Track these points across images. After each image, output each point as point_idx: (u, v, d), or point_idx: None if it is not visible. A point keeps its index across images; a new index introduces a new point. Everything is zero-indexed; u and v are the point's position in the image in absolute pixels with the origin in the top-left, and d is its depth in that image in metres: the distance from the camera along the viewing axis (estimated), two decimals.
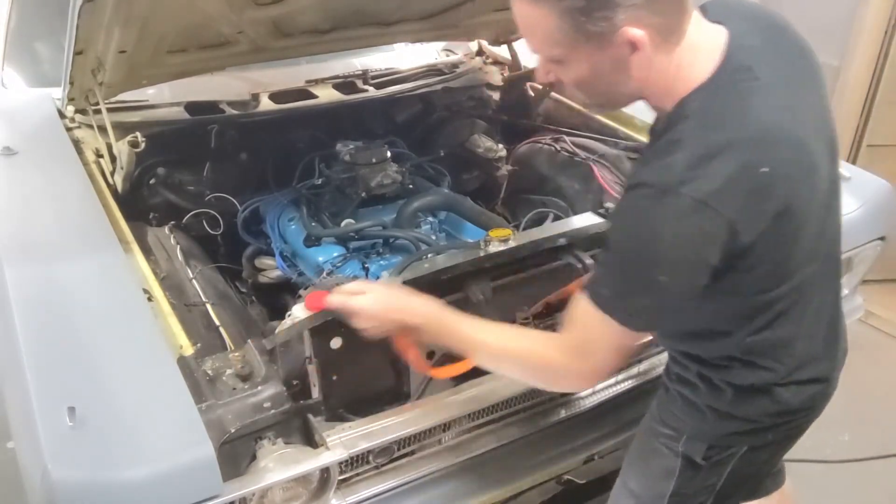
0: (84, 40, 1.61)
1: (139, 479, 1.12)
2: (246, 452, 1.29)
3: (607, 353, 1.17)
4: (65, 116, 2.12)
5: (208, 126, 2.22)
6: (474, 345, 1.29)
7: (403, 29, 2.22)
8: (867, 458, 2.56)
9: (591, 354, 1.17)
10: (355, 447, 1.34)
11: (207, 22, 1.76)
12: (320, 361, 1.46)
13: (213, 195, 2.14)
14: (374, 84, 2.56)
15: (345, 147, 2.18)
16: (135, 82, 2.02)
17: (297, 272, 2.08)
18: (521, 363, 1.26)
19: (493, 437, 1.57)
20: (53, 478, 1.10)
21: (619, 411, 1.77)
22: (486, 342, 1.27)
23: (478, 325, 1.30)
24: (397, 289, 1.40)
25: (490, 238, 1.71)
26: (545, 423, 1.62)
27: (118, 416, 1.20)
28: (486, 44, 2.85)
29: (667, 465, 1.38)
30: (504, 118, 2.72)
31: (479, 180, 2.65)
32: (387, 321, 1.32)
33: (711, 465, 1.35)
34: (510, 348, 1.26)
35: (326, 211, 2.15)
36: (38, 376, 1.25)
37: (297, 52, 2.26)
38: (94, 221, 1.68)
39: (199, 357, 1.36)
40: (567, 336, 1.19)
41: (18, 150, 1.93)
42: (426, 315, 1.31)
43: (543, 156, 2.48)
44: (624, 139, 2.36)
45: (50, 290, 1.46)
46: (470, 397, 1.48)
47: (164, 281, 1.64)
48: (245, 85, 2.40)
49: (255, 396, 1.30)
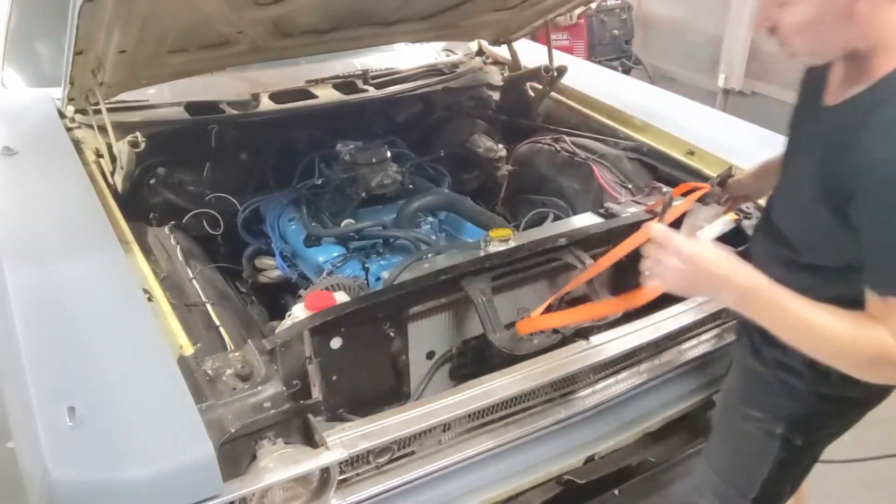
0: (84, 40, 1.61)
1: (139, 478, 1.12)
2: (246, 452, 1.29)
3: None
4: (65, 116, 2.12)
5: (208, 126, 2.22)
6: (807, 325, 1.15)
7: (403, 29, 2.22)
8: (867, 458, 2.56)
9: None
10: (355, 447, 1.33)
11: (207, 22, 1.75)
12: (320, 361, 1.46)
13: (213, 195, 2.14)
14: (374, 84, 2.56)
15: (345, 147, 2.18)
16: (135, 82, 2.02)
17: (297, 272, 2.08)
18: (861, 355, 1.14)
19: (493, 437, 1.56)
20: (53, 477, 1.10)
21: (619, 411, 1.77)
22: (822, 325, 1.14)
23: (809, 306, 1.15)
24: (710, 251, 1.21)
25: (490, 238, 1.71)
26: (545, 423, 1.62)
27: (118, 416, 1.19)
28: (486, 44, 2.85)
29: (762, 448, 1.40)
30: (504, 118, 2.72)
31: (479, 180, 2.65)
32: (703, 274, 1.18)
33: (808, 446, 1.38)
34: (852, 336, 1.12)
35: (326, 211, 2.15)
36: (38, 376, 1.25)
37: (297, 52, 2.26)
38: (94, 221, 1.68)
39: (199, 357, 1.36)
40: None
41: (18, 150, 1.93)
42: (753, 283, 1.17)
43: (543, 156, 2.48)
44: (624, 139, 2.36)
45: (50, 290, 1.46)
46: (470, 397, 1.47)
47: (164, 281, 1.64)
48: (245, 85, 2.40)
49: (255, 396, 1.30)
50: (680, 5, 5.37)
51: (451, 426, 1.51)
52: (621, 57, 5.39)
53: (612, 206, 1.96)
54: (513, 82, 2.74)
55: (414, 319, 1.62)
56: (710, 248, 1.21)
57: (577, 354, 1.58)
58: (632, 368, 1.75)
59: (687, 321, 1.74)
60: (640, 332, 1.67)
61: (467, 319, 1.69)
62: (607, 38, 5.34)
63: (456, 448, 1.53)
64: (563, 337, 1.61)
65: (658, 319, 1.70)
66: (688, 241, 1.20)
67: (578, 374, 1.63)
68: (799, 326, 1.16)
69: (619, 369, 1.73)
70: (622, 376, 1.74)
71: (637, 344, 1.66)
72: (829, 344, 1.15)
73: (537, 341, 1.60)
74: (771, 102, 4.68)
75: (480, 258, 1.65)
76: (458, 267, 1.60)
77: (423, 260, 1.74)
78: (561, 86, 2.60)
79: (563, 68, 2.52)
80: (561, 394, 1.65)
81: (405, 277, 1.64)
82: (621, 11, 5.37)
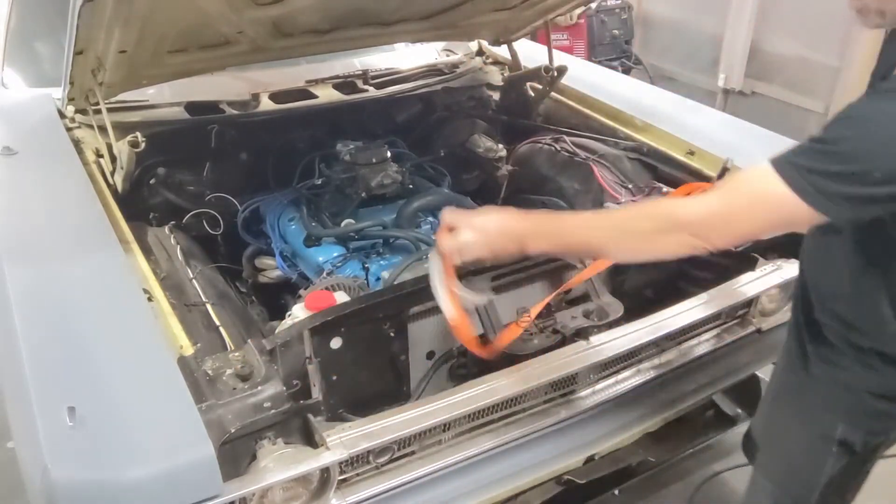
0: (84, 40, 1.61)
1: (139, 478, 1.12)
2: (246, 452, 1.29)
3: (753, 227, 1.17)
4: (65, 116, 2.12)
5: (208, 126, 2.22)
6: (595, 224, 1.28)
7: (403, 29, 2.22)
8: None
9: (736, 224, 1.15)
10: (355, 447, 1.33)
11: (207, 22, 1.75)
12: (320, 361, 1.46)
13: (213, 195, 2.14)
14: (375, 84, 2.56)
15: (345, 147, 2.18)
16: (135, 82, 2.02)
17: (297, 272, 2.08)
18: (649, 217, 1.23)
19: (493, 437, 1.56)
20: (53, 477, 1.10)
21: (619, 411, 1.77)
22: (609, 215, 1.25)
23: (586, 213, 1.27)
24: (490, 214, 1.36)
25: None
26: (545, 423, 1.62)
27: (118, 416, 1.19)
28: (486, 44, 2.85)
29: (818, 455, 1.37)
30: (504, 118, 2.72)
31: (479, 180, 2.65)
32: (495, 233, 1.32)
33: (867, 451, 1.35)
34: (635, 208, 1.24)
35: (326, 211, 2.15)
36: (38, 376, 1.25)
37: (297, 52, 2.26)
38: (94, 221, 1.68)
39: (199, 357, 1.36)
40: (715, 197, 1.16)
41: (18, 150, 1.93)
42: (533, 218, 1.30)
43: (543, 156, 2.48)
44: (624, 139, 2.36)
45: (50, 290, 1.46)
46: (470, 397, 1.47)
47: (164, 281, 1.64)
48: (245, 85, 2.40)
49: (255, 396, 1.30)
50: (680, 5, 5.37)
51: (451, 426, 1.51)
52: (621, 57, 5.40)
53: (612, 206, 1.96)
54: (513, 82, 2.74)
55: (414, 319, 1.62)
56: (492, 212, 1.35)
57: (577, 354, 1.58)
58: (632, 368, 1.75)
59: (687, 321, 1.74)
60: (640, 332, 1.67)
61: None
62: (607, 38, 5.34)
63: (456, 448, 1.53)
64: (563, 337, 1.61)
65: (658, 319, 1.70)
66: (474, 215, 1.32)
67: (578, 374, 1.63)
68: (594, 230, 1.27)
69: (619, 369, 1.73)
70: (622, 376, 1.74)
71: (637, 344, 1.66)
72: (622, 226, 1.25)
73: (537, 341, 1.60)
74: (771, 102, 4.68)
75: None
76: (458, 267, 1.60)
77: (423, 260, 1.74)
78: (561, 86, 2.60)
79: (563, 68, 2.52)
80: (561, 394, 1.65)
81: (405, 277, 1.64)
82: (621, 11, 5.37)
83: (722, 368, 1.87)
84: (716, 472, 2.34)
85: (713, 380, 1.88)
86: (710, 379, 1.89)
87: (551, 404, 1.65)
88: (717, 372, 1.89)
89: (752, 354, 1.95)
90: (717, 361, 1.89)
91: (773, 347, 1.83)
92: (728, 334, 1.89)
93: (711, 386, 1.88)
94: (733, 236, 1.21)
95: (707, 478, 2.32)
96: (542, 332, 1.62)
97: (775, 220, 1.15)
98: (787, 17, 4.54)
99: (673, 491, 2.29)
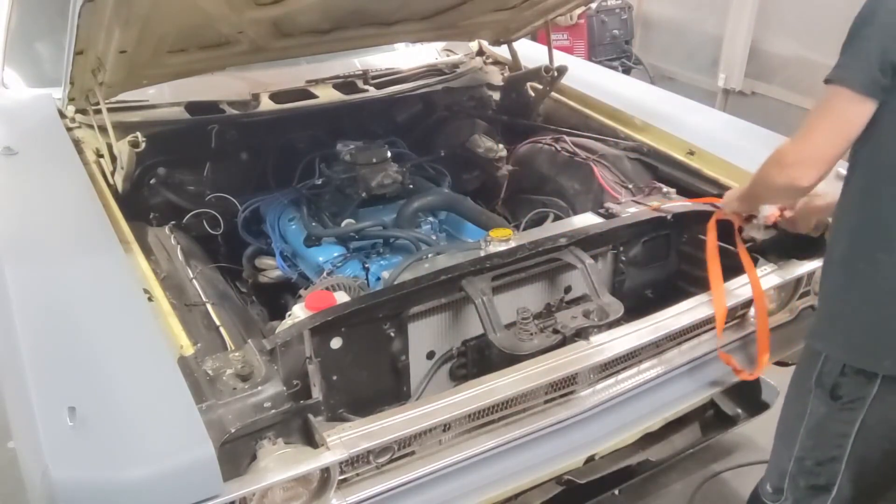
0: (84, 40, 1.61)
1: (139, 478, 1.12)
2: (246, 452, 1.29)
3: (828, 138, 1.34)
4: (65, 116, 2.12)
5: (208, 126, 2.22)
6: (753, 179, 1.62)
7: (403, 29, 2.22)
8: None
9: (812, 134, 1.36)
10: (355, 447, 1.33)
11: (207, 22, 1.75)
12: (320, 361, 1.46)
13: (213, 195, 2.14)
14: (375, 84, 2.56)
15: (345, 147, 2.18)
16: (135, 82, 2.02)
17: (297, 272, 2.08)
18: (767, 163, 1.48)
19: (493, 437, 1.56)
20: (54, 477, 1.10)
21: (619, 411, 1.76)
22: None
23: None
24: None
25: (490, 238, 1.71)
26: (545, 423, 1.62)
27: (118, 416, 1.20)
28: (486, 44, 2.85)
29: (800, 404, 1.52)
30: (504, 118, 2.72)
31: (479, 180, 2.65)
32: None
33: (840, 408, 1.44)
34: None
35: (327, 211, 2.16)
36: (38, 376, 1.25)
37: (297, 52, 2.26)
38: (95, 221, 1.68)
39: (200, 357, 1.36)
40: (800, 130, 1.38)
41: (18, 150, 1.93)
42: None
43: (543, 156, 2.48)
44: (624, 139, 2.36)
45: (50, 290, 1.46)
46: (470, 397, 1.47)
47: (164, 281, 1.64)
48: (245, 85, 2.40)
49: (255, 396, 1.30)
50: (680, 5, 5.37)
51: (451, 426, 1.51)
52: (621, 57, 5.40)
53: (613, 206, 1.96)
54: (513, 82, 2.74)
55: (414, 319, 1.62)
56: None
57: (577, 354, 1.58)
58: (632, 368, 1.75)
59: (687, 321, 1.74)
60: (640, 332, 1.67)
61: (467, 319, 1.70)
62: (607, 38, 5.34)
63: (456, 448, 1.53)
64: (564, 337, 1.61)
65: (658, 319, 1.70)
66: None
67: (578, 375, 1.63)
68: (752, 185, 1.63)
69: (619, 369, 1.73)
70: (622, 376, 1.74)
71: (637, 344, 1.66)
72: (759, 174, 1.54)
73: (537, 341, 1.60)
74: (771, 102, 4.68)
75: (480, 258, 1.65)
76: (459, 267, 1.61)
77: (424, 260, 1.74)
78: (561, 86, 2.60)
79: (563, 68, 2.52)
80: (561, 394, 1.65)
81: (405, 277, 1.64)
82: (621, 11, 5.38)
83: (722, 368, 1.87)
84: (716, 472, 2.34)
85: (713, 380, 1.88)
86: (710, 379, 1.89)
87: (551, 404, 1.64)
88: (717, 372, 1.89)
89: (752, 354, 1.95)
90: (717, 361, 1.89)
91: (773, 347, 1.83)
92: (728, 334, 1.89)
93: (711, 386, 1.88)
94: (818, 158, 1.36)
95: (707, 478, 2.33)
96: (542, 332, 1.62)
97: (842, 124, 1.33)
98: (787, 17, 4.54)
99: (673, 491, 2.29)
